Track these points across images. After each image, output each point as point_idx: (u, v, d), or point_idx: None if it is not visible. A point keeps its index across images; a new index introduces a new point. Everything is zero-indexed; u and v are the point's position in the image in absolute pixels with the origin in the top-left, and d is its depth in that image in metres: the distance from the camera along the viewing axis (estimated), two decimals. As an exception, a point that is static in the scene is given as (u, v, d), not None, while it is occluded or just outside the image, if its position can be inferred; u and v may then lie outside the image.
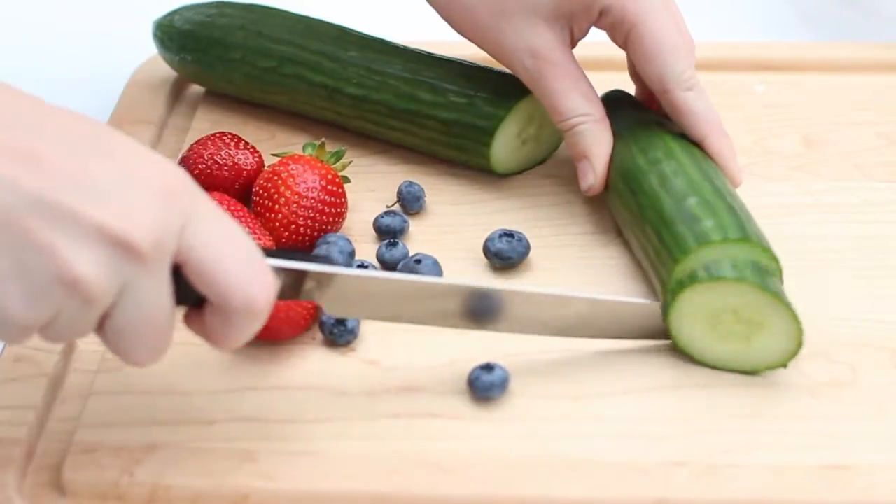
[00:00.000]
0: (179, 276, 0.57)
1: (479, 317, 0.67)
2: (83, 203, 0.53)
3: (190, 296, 0.58)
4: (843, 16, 1.06)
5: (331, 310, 0.65)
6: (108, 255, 0.53)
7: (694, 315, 0.67)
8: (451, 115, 0.82)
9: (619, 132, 0.78)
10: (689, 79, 0.77)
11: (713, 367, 0.68)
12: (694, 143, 0.77)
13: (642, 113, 0.81)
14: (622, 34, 0.77)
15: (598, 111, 0.78)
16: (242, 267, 0.57)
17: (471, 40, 0.81)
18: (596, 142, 0.77)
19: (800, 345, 0.66)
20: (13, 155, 0.53)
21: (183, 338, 0.72)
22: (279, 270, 0.61)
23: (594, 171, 0.77)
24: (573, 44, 0.79)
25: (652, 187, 0.73)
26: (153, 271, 0.55)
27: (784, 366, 0.67)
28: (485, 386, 0.67)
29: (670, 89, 0.76)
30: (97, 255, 0.53)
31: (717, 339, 0.68)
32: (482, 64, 0.84)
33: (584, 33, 0.79)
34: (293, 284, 0.63)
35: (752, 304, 0.66)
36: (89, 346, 0.72)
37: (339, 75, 0.85)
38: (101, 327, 0.57)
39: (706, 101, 0.77)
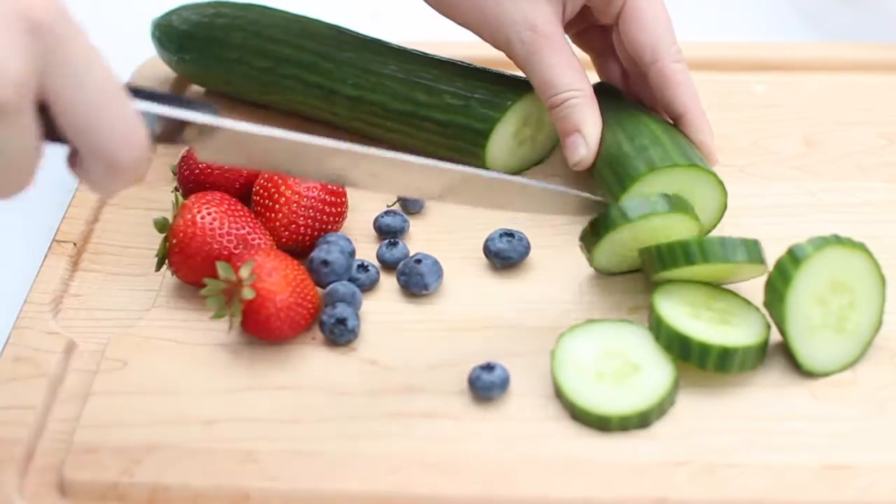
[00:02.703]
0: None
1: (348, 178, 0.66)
2: None
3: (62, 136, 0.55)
4: (843, 15, 1.06)
5: (204, 157, 0.62)
6: None
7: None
8: (447, 117, 0.82)
9: (605, 120, 0.78)
10: (678, 52, 0.79)
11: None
12: (678, 131, 0.78)
13: (627, 102, 0.82)
14: (616, 7, 0.79)
15: (589, 87, 0.78)
16: (113, 122, 0.54)
17: (462, 20, 0.81)
18: (588, 116, 0.78)
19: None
20: None
21: (183, 337, 0.72)
22: (159, 117, 0.58)
23: (587, 145, 0.78)
24: (563, 21, 0.80)
25: (639, 173, 0.74)
26: (15, 118, 0.52)
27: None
28: (485, 386, 0.67)
29: (661, 58, 0.78)
30: None
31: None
32: (478, 65, 0.84)
33: (576, 10, 0.80)
34: (173, 131, 0.59)
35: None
36: (89, 346, 0.72)
37: (335, 76, 0.85)
38: None
39: (690, 78, 0.79)
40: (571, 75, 0.78)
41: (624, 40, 0.80)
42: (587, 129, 0.77)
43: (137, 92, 0.57)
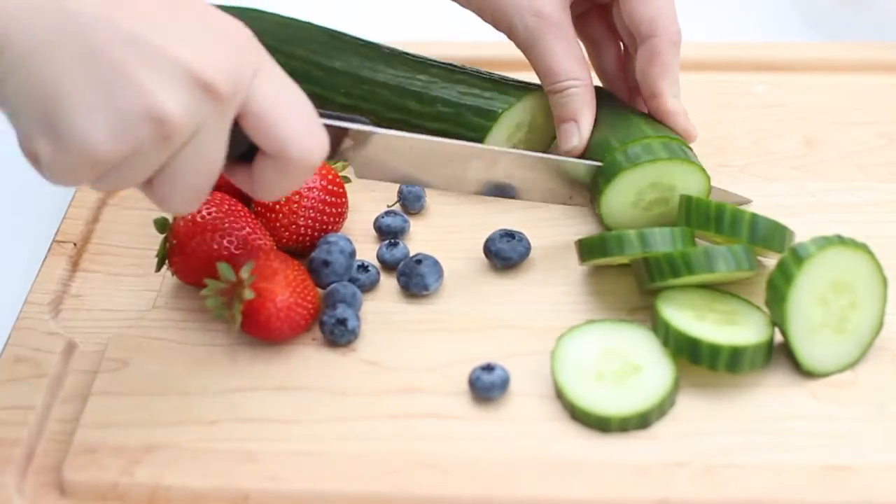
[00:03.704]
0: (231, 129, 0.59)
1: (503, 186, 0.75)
2: (173, 44, 0.56)
3: (234, 150, 0.60)
4: (844, 15, 1.06)
5: (361, 172, 0.71)
6: (191, 94, 0.56)
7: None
8: (439, 126, 0.82)
9: (598, 117, 0.79)
10: (677, 32, 0.78)
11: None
12: (664, 126, 0.79)
13: (620, 104, 0.82)
14: None
15: (589, 77, 0.79)
16: (302, 120, 0.60)
17: (468, 2, 0.81)
18: (585, 106, 0.78)
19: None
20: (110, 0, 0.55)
21: (183, 338, 0.72)
22: (324, 126, 0.63)
23: (579, 134, 0.78)
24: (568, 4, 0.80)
25: (622, 168, 0.75)
26: (224, 114, 0.58)
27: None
28: (485, 386, 0.67)
29: (659, 34, 0.78)
30: (182, 93, 0.56)
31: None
32: (470, 67, 0.84)
33: None
34: (335, 140, 0.66)
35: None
36: (89, 346, 0.72)
37: (326, 84, 0.85)
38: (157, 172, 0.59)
39: (678, 63, 0.79)
40: (573, 64, 0.78)
41: (623, 13, 0.79)
42: (582, 119, 0.78)
43: None
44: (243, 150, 0.61)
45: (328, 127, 0.64)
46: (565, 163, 0.76)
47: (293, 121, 0.60)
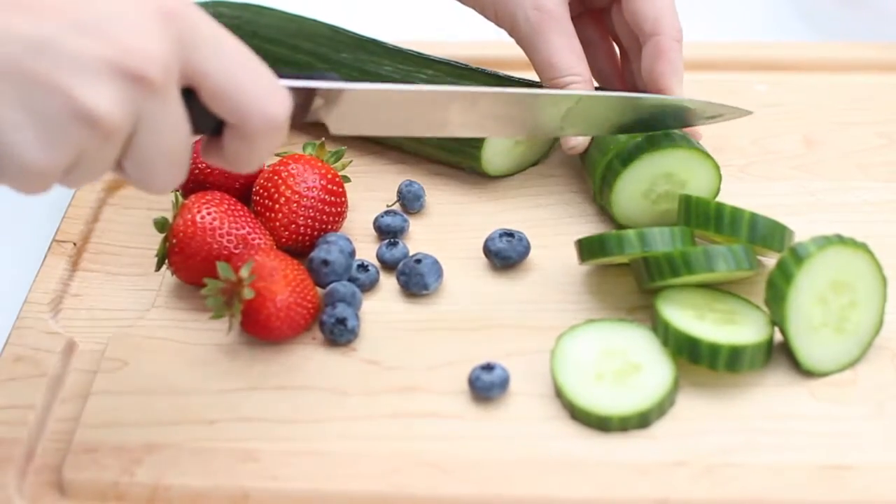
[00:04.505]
0: (194, 104, 0.57)
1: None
2: (84, 40, 0.53)
3: (205, 124, 0.58)
4: (844, 15, 1.06)
5: (337, 127, 0.66)
6: (118, 88, 0.53)
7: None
8: None
9: None
10: (679, 30, 0.79)
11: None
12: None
13: None
14: None
15: (588, 73, 0.79)
16: (257, 84, 0.58)
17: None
18: None
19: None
20: (2, 4, 0.52)
21: (183, 337, 0.72)
22: (288, 88, 0.61)
23: None
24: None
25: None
26: (164, 96, 0.55)
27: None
28: (485, 386, 0.67)
29: (662, 32, 0.78)
30: (108, 88, 0.53)
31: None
32: (473, 65, 0.84)
33: None
34: (302, 104, 0.64)
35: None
36: (89, 345, 0.72)
37: None
38: (120, 161, 0.57)
39: (681, 60, 0.79)
40: (573, 59, 0.78)
41: (626, 12, 0.79)
42: None
43: None
44: (214, 124, 0.59)
45: (295, 89, 0.62)
46: (543, 96, 0.73)
47: (248, 86, 0.57)
